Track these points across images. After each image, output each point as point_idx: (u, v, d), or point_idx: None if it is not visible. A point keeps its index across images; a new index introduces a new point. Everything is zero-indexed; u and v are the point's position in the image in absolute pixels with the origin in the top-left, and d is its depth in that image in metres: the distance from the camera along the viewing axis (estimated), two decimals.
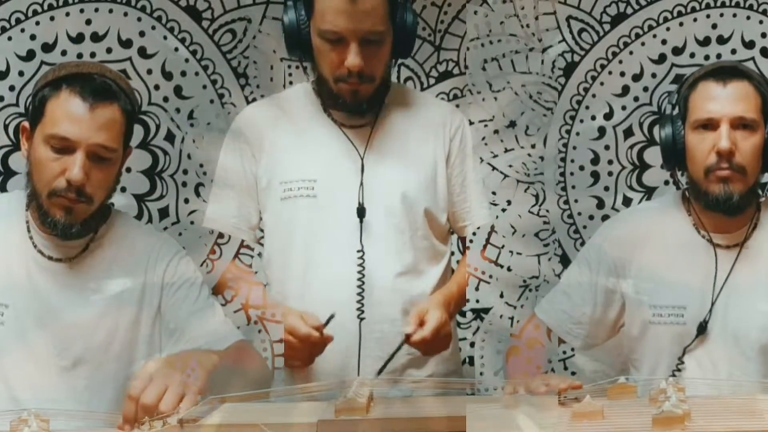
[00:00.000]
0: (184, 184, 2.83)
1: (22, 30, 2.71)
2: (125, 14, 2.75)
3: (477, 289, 2.86)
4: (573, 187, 2.86)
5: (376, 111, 2.25)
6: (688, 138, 2.09)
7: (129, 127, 2.03)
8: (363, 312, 2.17)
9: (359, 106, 2.21)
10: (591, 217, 2.85)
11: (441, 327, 2.15)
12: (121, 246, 2.07)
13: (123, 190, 2.81)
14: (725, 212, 2.07)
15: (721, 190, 2.05)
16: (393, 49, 2.21)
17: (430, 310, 2.16)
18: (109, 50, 2.75)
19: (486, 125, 2.84)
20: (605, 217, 2.73)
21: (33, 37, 2.71)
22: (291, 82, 2.80)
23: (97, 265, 2.04)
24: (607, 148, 2.86)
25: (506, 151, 2.85)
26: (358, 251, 2.17)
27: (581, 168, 2.87)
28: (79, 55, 2.71)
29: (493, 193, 2.82)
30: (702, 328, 2.07)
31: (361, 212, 2.19)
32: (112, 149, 1.96)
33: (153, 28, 2.77)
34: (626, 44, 2.83)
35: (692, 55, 2.80)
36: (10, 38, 2.71)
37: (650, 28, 2.82)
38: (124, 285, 2.03)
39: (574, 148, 2.85)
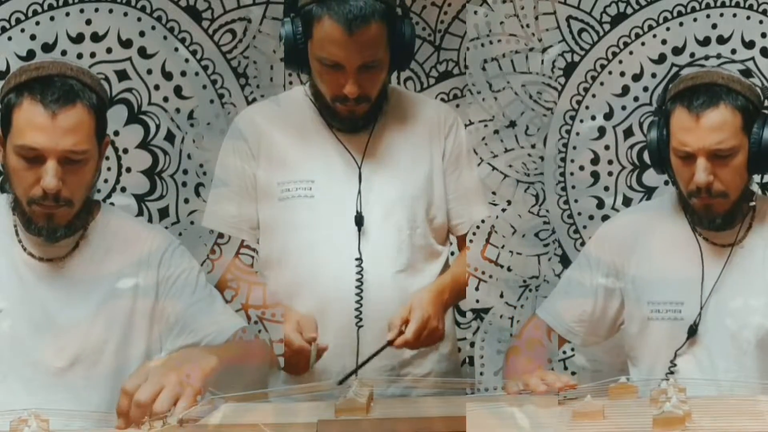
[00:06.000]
0: (184, 184, 2.83)
1: (22, 30, 2.71)
2: (125, 14, 2.75)
3: (477, 289, 2.86)
4: (573, 187, 2.85)
5: (373, 120, 2.25)
6: (672, 158, 2.10)
7: (100, 122, 1.99)
8: (361, 320, 2.17)
9: (355, 123, 2.22)
10: (591, 217, 2.85)
11: (424, 325, 2.14)
12: (112, 241, 2.05)
13: (123, 190, 2.81)
14: (711, 229, 2.09)
15: (704, 212, 2.09)
16: (391, 63, 2.20)
17: (413, 309, 2.15)
18: (109, 50, 2.74)
19: (486, 125, 2.84)
20: (605, 217, 2.73)
21: (33, 37, 2.71)
22: (291, 82, 2.79)
23: (88, 262, 2.03)
24: (607, 148, 2.86)
25: (506, 151, 2.85)
26: (357, 259, 2.17)
27: (581, 168, 2.86)
28: (79, 56, 2.70)
29: (493, 193, 2.82)
30: (693, 331, 2.09)
31: (359, 220, 2.19)
32: (82, 151, 1.93)
33: (153, 28, 2.77)
34: (626, 44, 2.83)
35: (692, 55, 2.80)
36: (10, 38, 2.70)
37: (650, 28, 2.82)
38: (117, 280, 2.02)
39: (574, 148, 2.85)
